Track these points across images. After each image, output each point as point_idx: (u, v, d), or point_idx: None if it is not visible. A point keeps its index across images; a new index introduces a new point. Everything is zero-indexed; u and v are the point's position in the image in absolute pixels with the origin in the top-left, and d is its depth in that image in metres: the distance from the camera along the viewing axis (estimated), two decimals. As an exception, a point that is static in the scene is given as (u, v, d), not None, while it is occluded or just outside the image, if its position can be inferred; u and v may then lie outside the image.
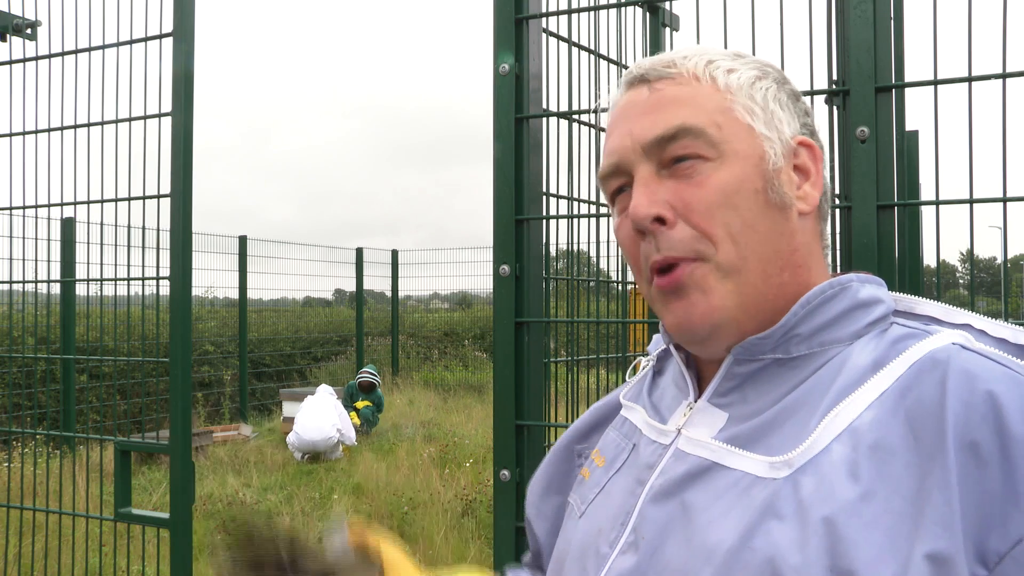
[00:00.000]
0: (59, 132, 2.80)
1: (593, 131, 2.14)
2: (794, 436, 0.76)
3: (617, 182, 0.86)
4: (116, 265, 2.78)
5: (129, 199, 2.66)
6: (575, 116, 2.06)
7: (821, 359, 0.80)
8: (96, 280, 2.86)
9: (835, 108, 1.72)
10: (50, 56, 2.81)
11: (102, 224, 2.69)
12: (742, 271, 0.80)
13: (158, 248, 2.56)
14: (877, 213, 1.62)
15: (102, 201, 2.72)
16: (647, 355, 1.03)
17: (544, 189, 2.06)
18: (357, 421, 9.86)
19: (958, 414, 0.68)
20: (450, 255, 15.70)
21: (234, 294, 12.58)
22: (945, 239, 1.73)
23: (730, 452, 0.78)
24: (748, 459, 0.77)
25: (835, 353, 0.80)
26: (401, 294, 15.61)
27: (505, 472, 1.95)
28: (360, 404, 10.18)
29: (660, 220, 0.80)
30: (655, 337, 1.05)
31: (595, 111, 2.11)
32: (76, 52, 2.75)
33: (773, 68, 0.88)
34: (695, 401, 0.86)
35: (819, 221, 0.88)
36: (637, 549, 0.80)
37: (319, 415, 8.58)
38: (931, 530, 0.65)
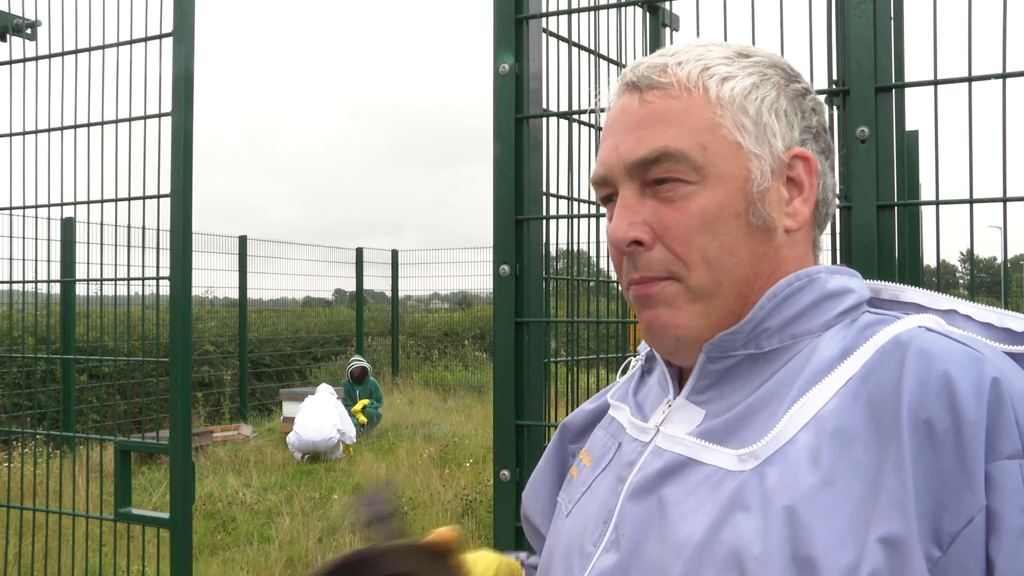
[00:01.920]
0: (59, 132, 2.80)
1: (593, 131, 2.14)
2: (762, 428, 0.76)
3: (606, 191, 0.87)
4: (116, 265, 2.79)
5: (129, 199, 2.66)
6: (575, 116, 2.06)
7: (792, 351, 0.80)
8: (96, 280, 2.86)
9: (835, 108, 1.72)
10: (50, 56, 2.81)
11: (102, 224, 2.69)
12: (714, 295, 0.81)
13: (158, 248, 2.56)
14: (877, 213, 1.62)
15: (102, 201, 2.72)
16: (637, 355, 1.04)
17: (544, 189, 2.06)
18: (363, 419, 9.88)
19: (912, 393, 0.68)
20: (450, 255, 15.72)
21: (234, 294, 12.58)
22: (945, 239, 1.73)
23: (704, 447, 0.79)
24: (720, 453, 0.78)
25: (805, 345, 0.80)
26: (401, 294, 15.61)
27: (505, 472, 1.95)
28: (359, 405, 10.15)
29: (638, 242, 0.81)
30: None
31: (595, 111, 2.11)
32: (76, 52, 2.75)
33: (776, 69, 0.85)
34: (674, 398, 0.87)
35: (813, 229, 0.87)
36: (619, 547, 0.81)
37: (319, 415, 8.58)
38: (885, 513, 0.65)
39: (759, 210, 0.81)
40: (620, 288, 2.79)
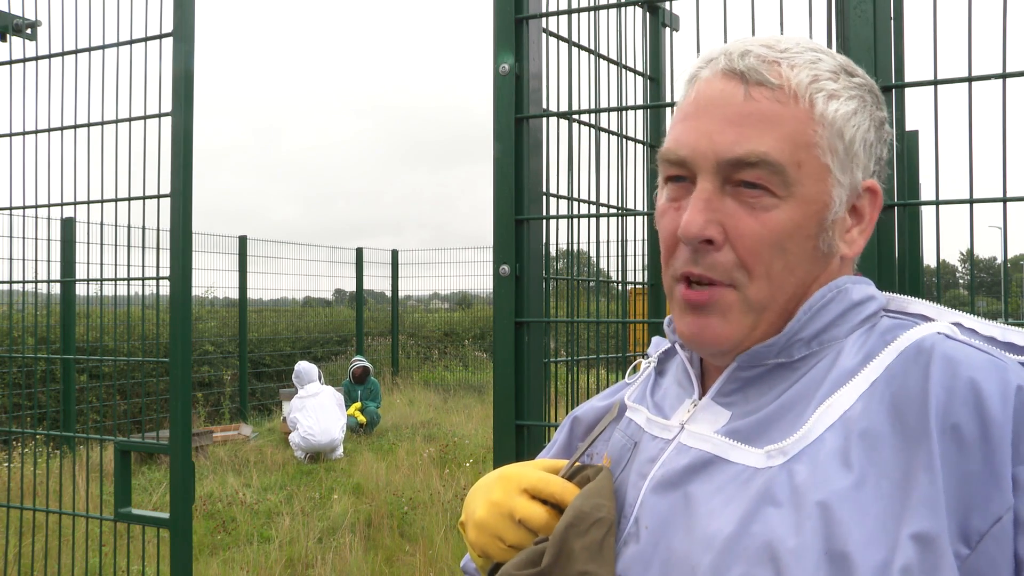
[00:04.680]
0: (59, 132, 2.80)
1: (593, 131, 2.14)
2: (789, 427, 0.78)
3: (676, 171, 0.84)
4: (116, 265, 2.79)
5: (129, 199, 2.66)
6: (575, 116, 2.06)
7: (818, 356, 0.82)
8: (96, 280, 2.86)
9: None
10: (50, 56, 2.81)
11: (102, 224, 2.69)
12: (767, 309, 0.82)
13: (158, 248, 2.57)
14: (877, 213, 1.62)
15: (102, 201, 2.72)
16: (647, 356, 1.05)
17: (544, 189, 2.06)
18: (363, 419, 9.87)
19: (940, 399, 0.71)
20: (450, 255, 15.72)
21: (234, 294, 12.59)
22: (945, 239, 1.73)
23: (731, 446, 0.81)
24: (748, 452, 0.79)
25: (831, 349, 0.82)
26: (401, 294, 15.61)
27: (505, 472, 1.95)
28: (354, 407, 10.11)
29: (709, 241, 0.81)
30: (655, 340, 1.07)
31: (595, 111, 2.11)
32: (76, 52, 2.75)
33: (872, 94, 0.85)
34: (699, 399, 0.88)
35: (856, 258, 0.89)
36: (639, 539, 0.82)
37: (326, 417, 8.58)
38: (917, 511, 0.68)
39: (828, 237, 0.82)
40: (620, 288, 2.74)
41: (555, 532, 0.83)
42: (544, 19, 2.05)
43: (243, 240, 12.38)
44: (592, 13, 2.15)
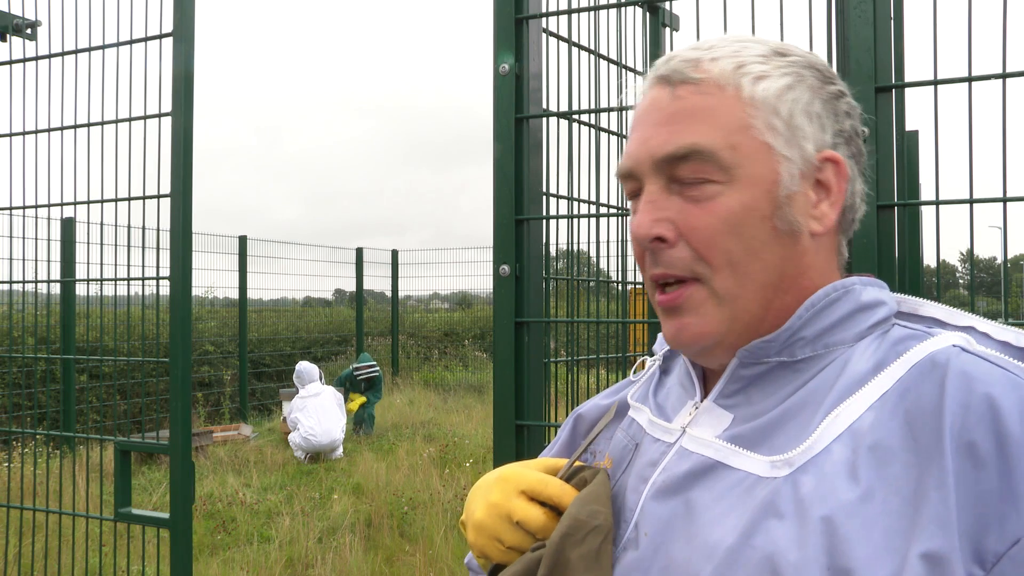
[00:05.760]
0: (59, 132, 2.80)
1: (593, 131, 2.14)
2: (795, 436, 0.76)
3: (633, 185, 0.86)
4: (116, 265, 2.79)
5: (129, 199, 2.66)
6: (575, 116, 2.06)
7: (824, 361, 0.80)
8: (96, 280, 2.86)
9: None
10: (50, 56, 2.81)
11: (102, 224, 2.69)
12: (739, 298, 0.80)
13: (158, 248, 2.57)
14: (877, 213, 1.62)
15: (102, 201, 2.72)
16: (652, 354, 1.04)
17: (544, 189, 2.06)
18: (354, 408, 9.88)
19: (955, 415, 0.68)
20: (450, 255, 15.73)
21: (234, 294, 12.59)
22: (945, 239, 1.73)
23: (734, 452, 0.79)
24: (751, 459, 0.77)
25: (838, 355, 0.80)
26: (401, 294, 15.61)
27: (505, 472, 1.95)
28: (356, 403, 10.12)
29: (661, 239, 0.81)
30: (660, 336, 1.06)
31: (595, 111, 2.11)
32: (76, 52, 2.75)
33: (812, 69, 0.84)
34: (701, 401, 0.87)
35: (838, 235, 0.86)
36: (638, 545, 0.81)
37: (326, 418, 8.59)
38: (927, 529, 0.65)
39: (785, 214, 0.80)
40: (620, 288, 2.75)
41: (551, 542, 0.82)
42: (544, 19, 2.05)
43: (243, 240, 12.38)
44: (592, 13, 2.16)
